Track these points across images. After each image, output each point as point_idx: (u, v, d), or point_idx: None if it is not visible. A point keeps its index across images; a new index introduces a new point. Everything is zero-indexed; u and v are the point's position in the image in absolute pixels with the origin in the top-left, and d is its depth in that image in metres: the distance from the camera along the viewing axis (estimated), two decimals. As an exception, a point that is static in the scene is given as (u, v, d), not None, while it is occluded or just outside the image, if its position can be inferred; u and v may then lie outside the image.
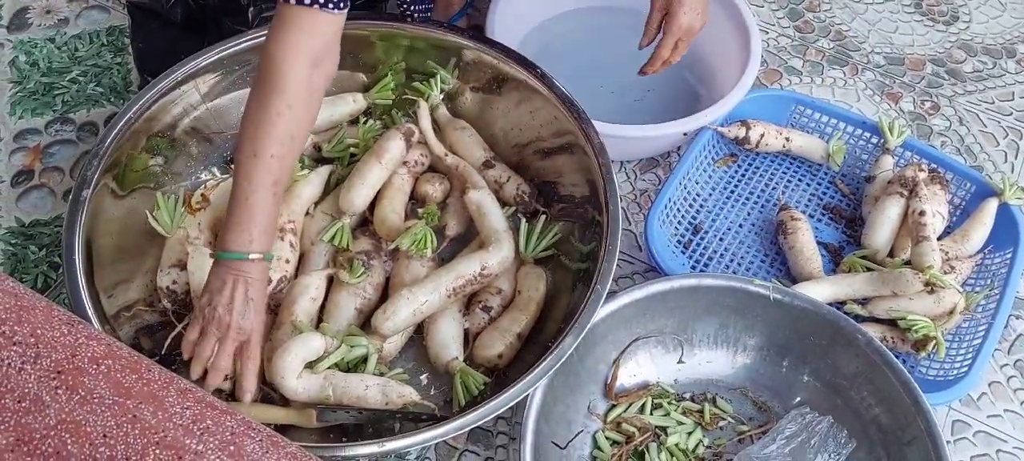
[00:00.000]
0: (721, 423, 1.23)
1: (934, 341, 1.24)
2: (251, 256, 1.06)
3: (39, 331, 0.78)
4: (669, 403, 1.24)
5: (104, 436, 0.71)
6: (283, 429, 1.15)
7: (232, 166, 1.37)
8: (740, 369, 1.27)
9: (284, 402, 1.16)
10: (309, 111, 1.12)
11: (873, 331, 1.27)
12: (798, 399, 1.23)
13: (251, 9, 1.43)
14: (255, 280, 1.08)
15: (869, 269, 1.34)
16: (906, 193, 1.40)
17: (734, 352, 1.27)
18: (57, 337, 0.78)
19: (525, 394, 1.07)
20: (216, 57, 1.36)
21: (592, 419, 1.22)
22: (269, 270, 1.14)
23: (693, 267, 1.42)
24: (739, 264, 1.43)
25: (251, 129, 1.08)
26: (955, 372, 1.24)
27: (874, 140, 1.52)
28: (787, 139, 1.53)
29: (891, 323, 1.30)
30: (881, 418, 1.17)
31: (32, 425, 0.73)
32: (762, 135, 1.51)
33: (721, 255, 1.44)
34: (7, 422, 0.73)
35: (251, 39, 1.37)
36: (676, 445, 1.19)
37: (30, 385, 0.74)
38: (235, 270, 1.07)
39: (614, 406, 1.23)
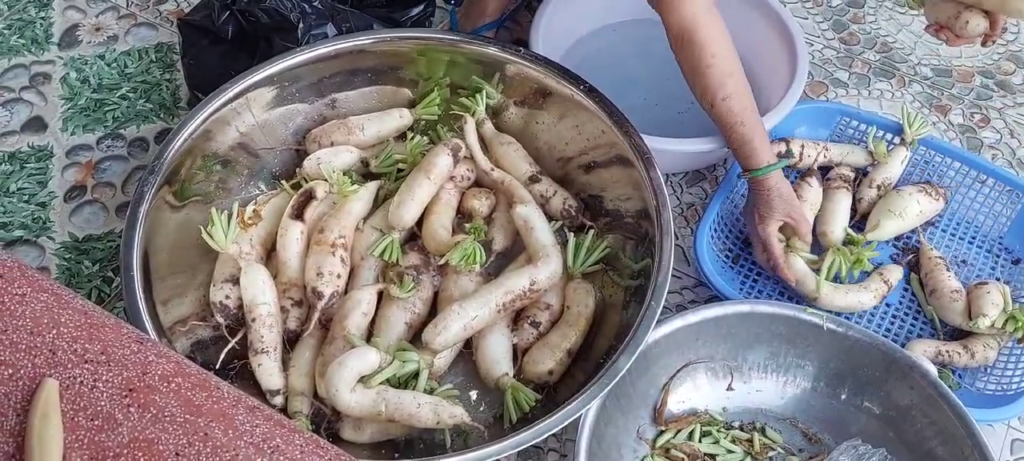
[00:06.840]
0: (771, 453, 1.21)
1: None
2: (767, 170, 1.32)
3: (110, 349, 0.79)
4: (718, 431, 1.22)
5: (176, 455, 0.72)
6: (338, 445, 1.16)
7: (304, 178, 1.40)
8: (790, 399, 1.26)
9: (336, 416, 1.17)
10: (726, 43, 1.28)
11: (928, 347, 1.26)
12: (850, 431, 1.21)
13: (301, 26, 1.44)
14: (771, 185, 1.33)
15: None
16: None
17: (784, 381, 1.26)
18: (127, 355, 0.79)
19: (579, 413, 1.07)
20: (267, 74, 1.37)
21: (641, 444, 1.21)
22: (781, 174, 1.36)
23: (742, 282, 1.41)
24: (788, 279, 1.41)
25: (701, 82, 1.29)
26: (1014, 388, 1.22)
27: (921, 149, 1.51)
28: (825, 148, 1.52)
29: (952, 338, 1.30)
30: (937, 451, 1.15)
31: (105, 443, 0.73)
32: (802, 147, 1.50)
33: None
34: (81, 440, 0.74)
35: (302, 55, 1.39)
36: (725, 473, 1.18)
37: (103, 403, 0.75)
38: (759, 182, 1.33)
39: (662, 432, 1.22)
